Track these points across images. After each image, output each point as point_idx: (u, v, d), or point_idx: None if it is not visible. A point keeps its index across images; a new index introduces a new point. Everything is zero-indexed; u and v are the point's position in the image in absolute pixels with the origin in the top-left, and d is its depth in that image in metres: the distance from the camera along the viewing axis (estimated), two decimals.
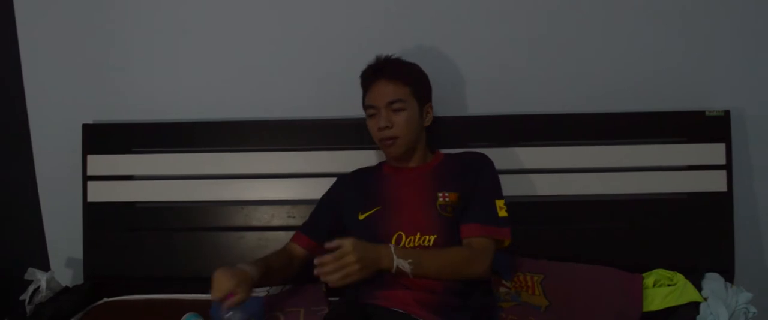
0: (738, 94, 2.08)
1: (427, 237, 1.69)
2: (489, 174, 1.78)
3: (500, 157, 1.86)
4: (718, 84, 2.08)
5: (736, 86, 2.08)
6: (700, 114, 2.02)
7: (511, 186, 1.94)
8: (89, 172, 2.10)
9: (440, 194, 1.73)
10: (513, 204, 1.77)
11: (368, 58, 1.84)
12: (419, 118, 1.79)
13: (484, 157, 1.82)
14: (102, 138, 2.12)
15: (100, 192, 2.11)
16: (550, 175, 2.05)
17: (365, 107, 1.79)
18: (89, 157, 2.10)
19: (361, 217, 1.76)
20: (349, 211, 1.79)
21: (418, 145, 1.81)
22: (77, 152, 2.11)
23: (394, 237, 1.70)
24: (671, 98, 2.07)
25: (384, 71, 1.78)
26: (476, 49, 2.09)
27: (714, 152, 2.01)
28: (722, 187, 2.00)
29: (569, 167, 2.05)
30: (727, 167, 2.00)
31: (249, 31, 2.12)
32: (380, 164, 1.92)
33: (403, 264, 1.58)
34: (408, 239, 1.69)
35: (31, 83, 2.17)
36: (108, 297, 2.08)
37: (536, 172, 2.05)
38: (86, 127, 2.12)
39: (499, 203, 1.74)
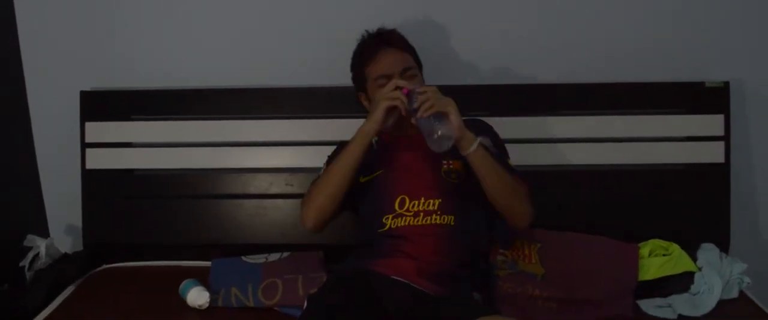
0: (738, 65, 2.07)
1: (431, 200, 1.68)
2: (494, 139, 1.78)
3: (496, 126, 1.85)
4: (718, 55, 2.07)
5: (736, 57, 2.07)
6: (699, 85, 2.01)
7: None
8: (87, 139, 2.10)
9: (445, 162, 1.73)
10: None
11: (368, 25, 1.82)
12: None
13: (484, 123, 1.82)
14: (100, 105, 2.11)
15: (98, 160, 2.10)
16: (547, 145, 2.06)
17: (376, 78, 1.74)
18: (87, 125, 2.10)
19: (363, 180, 1.74)
20: None
21: None
22: (75, 119, 2.10)
23: (398, 201, 1.69)
24: (671, 69, 2.07)
25: (389, 41, 1.77)
26: (474, 19, 2.08)
27: (713, 123, 2.01)
28: (720, 159, 2.01)
29: (566, 137, 2.05)
30: (726, 138, 2.00)
31: None
32: (380, 135, 1.90)
33: (486, 141, 1.65)
34: (411, 202, 1.69)
35: (28, 50, 2.15)
36: (107, 263, 2.10)
37: (532, 142, 2.05)
38: (84, 94, 2.10)
39: (511, 164, 1.75)
